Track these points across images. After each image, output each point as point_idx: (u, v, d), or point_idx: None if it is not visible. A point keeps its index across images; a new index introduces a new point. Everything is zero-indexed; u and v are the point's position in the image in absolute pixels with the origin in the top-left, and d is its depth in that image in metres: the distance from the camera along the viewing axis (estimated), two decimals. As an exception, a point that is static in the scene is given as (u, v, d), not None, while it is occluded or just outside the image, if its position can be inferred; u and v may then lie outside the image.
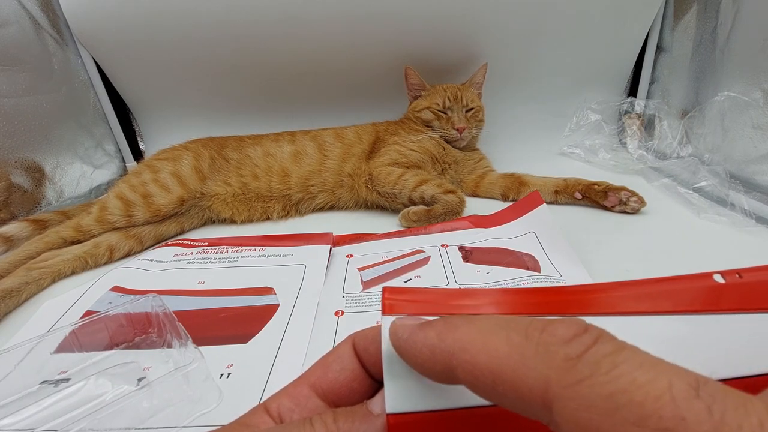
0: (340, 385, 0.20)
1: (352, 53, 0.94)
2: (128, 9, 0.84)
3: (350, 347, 0.21)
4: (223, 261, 0.60)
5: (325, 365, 0.21)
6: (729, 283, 0.19)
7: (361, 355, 0.20)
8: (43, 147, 0.81)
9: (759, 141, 0.71)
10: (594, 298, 0.18)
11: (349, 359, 0.20)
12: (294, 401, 0.20)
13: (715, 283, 0.19)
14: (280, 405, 0.20)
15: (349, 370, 0.20)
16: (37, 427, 0.34)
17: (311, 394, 0.20)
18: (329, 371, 0.20)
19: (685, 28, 0.90)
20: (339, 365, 0.20)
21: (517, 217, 0.64)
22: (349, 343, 0.21)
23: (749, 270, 0.19)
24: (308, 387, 0.20)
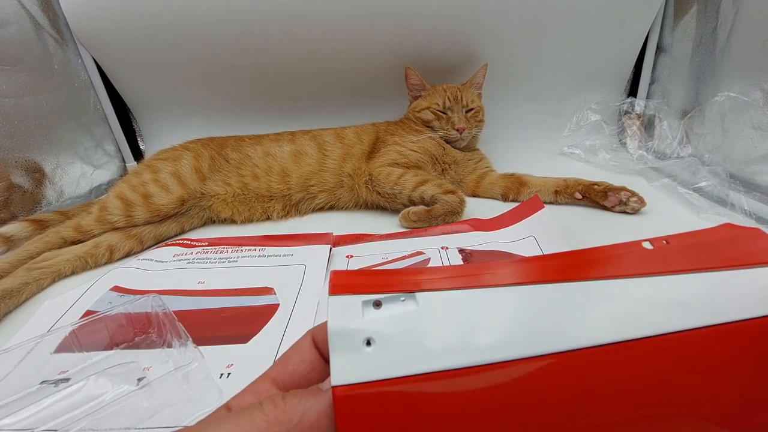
0: (299, 376, 0.21)
1: (353, 53, 0.94)
2: (128, 9, 0.84)
3: (309, 340, 0.22)
4: (223, 261, 0.60)
5: (285, 359, 0.22)
6: (657, 248, 0.20)
7: (319, 346, 0.21)
8: (43, 147, 0.81)
9: (759, 141, 0.71)
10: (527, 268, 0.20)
11: (308, 351, 0.21)
12: (255, 396, 0.21)
13: (644, 249, 0.20)
14: (240, 401, 0.21)
15: (308, 361, 0.21)
16: (37, 427, 0.34)
17: (271, 387, 0.21)
18: (289, 364, 0.21)
19: (685, 28, 0.90)
20: (298, 357, 0.21)
21: (517, 221, 0.64)
22: (308, 337, 0.22)
23: (676, 236, 0.21)
24: (269, 382, 0.21)
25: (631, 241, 0.21)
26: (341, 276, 0.21)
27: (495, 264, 0.21)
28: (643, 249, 0.20)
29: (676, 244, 0.21)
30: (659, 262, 0.19)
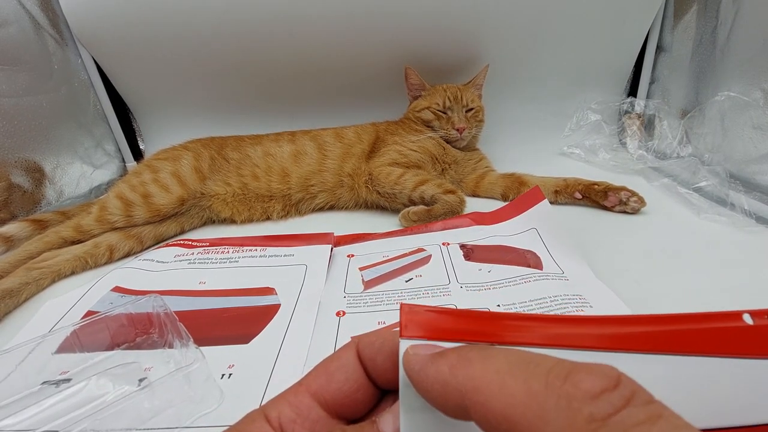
0: (343, 395, 0.19)
1: (353, 53, 0.94)
2: (128, 9, 0.84)
3: (354, 355, 0.20)
4: (224, 261, 0.60)
5: (328, 373, 0.20)
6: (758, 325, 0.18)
7: (366, 364, 0.20)
8: (43, 147, 0.81)
9: (759, 141, 0.71)
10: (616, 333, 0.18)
11: (353, 368, 0.20)
12: (295, 411, 0.19)
13: (744, 323, 0.18)
14: (281, 413, 0.19)
15: (353, 380, 0.19)
16: (38, 427, 0.34)
17: (313, 403, 0.19)
18: (333, 381, 0.19)
19: (685, 28, 0.90)
20: (343, 375, 0.19)
21: (518, 214, 0.64)
22: (352, 350, 0.20)
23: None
24: (310, 395, 0.19)
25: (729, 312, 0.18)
26: (415, 314, 0.18)
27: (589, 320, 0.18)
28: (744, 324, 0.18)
29: None
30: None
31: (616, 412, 0.12)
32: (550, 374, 0.13)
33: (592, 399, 0.12)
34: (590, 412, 0.12)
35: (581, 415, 0.12)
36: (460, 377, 0.14)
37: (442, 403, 0.15)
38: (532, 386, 0.13)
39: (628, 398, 0.12)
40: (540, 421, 0.12)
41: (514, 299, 0.47)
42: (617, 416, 0.12)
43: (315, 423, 0.19)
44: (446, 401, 0.15)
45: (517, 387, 0.13)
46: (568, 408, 0.12)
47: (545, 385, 0.13)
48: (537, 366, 0.14)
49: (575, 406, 0.12)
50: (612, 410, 0.12)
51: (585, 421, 0.12)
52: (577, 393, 0.12)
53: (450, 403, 0.15)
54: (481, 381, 0.14)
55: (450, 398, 0.15)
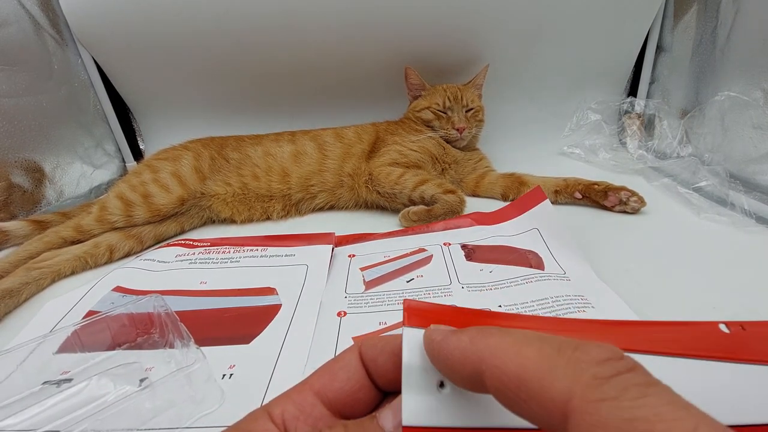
0: (345, 394, 0.20)
1: (353, 53, 0.94)
2: (128, 9, 0.84)
3: (357, 356, 0.21)
4: (225, 261, 0.60)
5: (332, 373, 0.20)
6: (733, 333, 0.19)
7: (368, 365, 0.20)
8: (43, 147, 0.81)
9: (759, 141, 0.71)
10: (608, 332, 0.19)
11: (355, 368, 0.20)
12: (298, 408, 0.19)
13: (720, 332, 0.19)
14: (284, 411, 0.19)
15: (356, 379, 0.20)
16: (39, 427, 0.34)
17: (316, 401, 0.20)
18: (335, 380, 0.20)
19: (685, 28, 0.90)
20: (346, 374, 0.20)
21: (520, 214, 0.64)
22: (355, 352, 0.21)
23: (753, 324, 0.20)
24: (313, 394, 0.20)
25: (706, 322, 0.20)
26: (417, 306, 0.19)
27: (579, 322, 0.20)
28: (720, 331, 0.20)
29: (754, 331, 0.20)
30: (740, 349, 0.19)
31: (618, 374, 0.13)
32: (562, 344, 0.15)
33: (598, 363, 0.14)
34: (595, 372, 0.13)
35: (587, 373, 0.13)
36: (480, 345, 0.16)
37: (459, 370, 0.16)
38: (544, 351, 0.14)
39: (630, 367, 0.14)
40: (549, 378, 0.14)
41: (516, 300, 0.47)
42: (619, 377, 0.13)
43: (317, 420, 0.19)
44: (464, 367, 0.16)
45: (532, 352, 0.15)
46: (576, 367, 0.14)
47: (557, 350, 0.14)
48: (551, 338, 0.15)
49: (582, 367, 0.14)
50: (615, 372, 0.13)
51: (590, 378, 0.13)
52: (585, 357, 0.14)
53: (467, 369, 0.16)
54: (499, 348, 0.15)
55: (468, 363, 0.16)
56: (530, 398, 0.14)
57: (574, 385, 0.13)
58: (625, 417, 0.12)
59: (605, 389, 0.13)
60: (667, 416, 0.12)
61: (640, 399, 0.12)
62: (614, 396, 0.12)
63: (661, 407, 0.12)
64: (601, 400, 0.12)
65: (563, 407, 0.13)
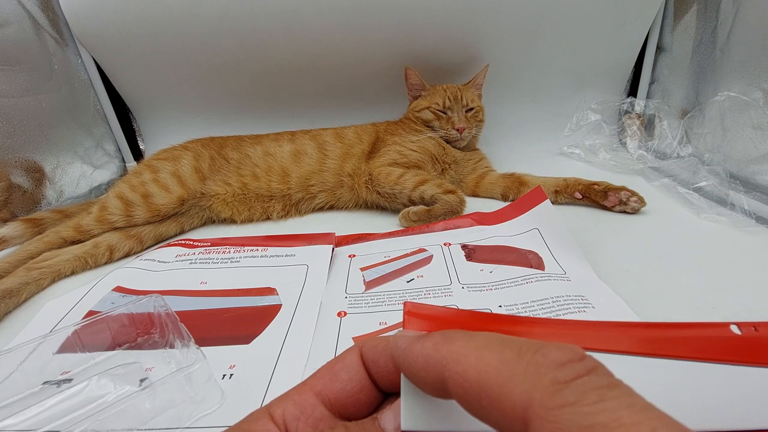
0: (347, 395, 0.20)
1: (353, 53, 0.94)
2: (128, 9, 0.84)
3: (358, 357, 0.20)
4: (225, 261, 0.60)
5: (333, 373, 0.20)
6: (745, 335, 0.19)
7: (369, 366, 0.20)
8: (43, 147, 0.81)
9: (759, 141, 0.71)
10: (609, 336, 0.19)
11: (356, 369, 0.20)
12: (299, 409, 0.19)
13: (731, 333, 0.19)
14: (285, 411, 0.19)
15: (357, 380, 0.20)
16: (39, 427, 0.34)
17: (317, 402, 0.20)
18: (337, 381, 0.20)
19: (685, 28, 0.90)
20: (347, 375, 0.20)
21: (520, 214, 0.64)
22: (356, 353, 0.21)
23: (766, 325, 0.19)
24: (314, 395, 0.20)
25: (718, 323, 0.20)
26: (416, 310, 0.19)
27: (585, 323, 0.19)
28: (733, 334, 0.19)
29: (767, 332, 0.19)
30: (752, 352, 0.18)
31: (577, 377, 0.13)
32: (522, 347, 0.14)
33: (557, 366, 0.13)
34: (554, 376, 0.13)
35: (546, 378, 0.13)
36: (442, 351, 0.15)
37: (423, 377, 0.16)
38: (505, 355, 0.14)
39: (590, 369, 0.13)
40: (509, 384, 0.13)
41: (516, 300, 0.46)
42: (578, 380, 0.13)
43: (318, 421, 0.19)
44: (427, 374, 0.16)
45: (492, 357, 0.14)
46: (535, 372, 0.13)
47: (517, 354, 0.14)
48: (512, 342, 0.15)
49: (542, 371, 0.13)
50: (574, 375, 0.13)
51: (549, 383, 0.13)
52: (544, 361, 0.14)
53: (430, 377, 0.16)
54: (461, 354, 0.15)
55: (431, 371, 0.15)
56: (491, 405, 0.14)
57: (533, 391, 0.13)
58: (585, 424, 0.12)
59: (564, 394, 0.12)
60: (625, 420, 0.12)
61: (600, 403, 0.12)
62: (573, 401, 0.12)
63: (619, 411, 0.12)
64: (561, 407, 0.12)
65: (523, 414, 0.13)
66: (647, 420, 0.12)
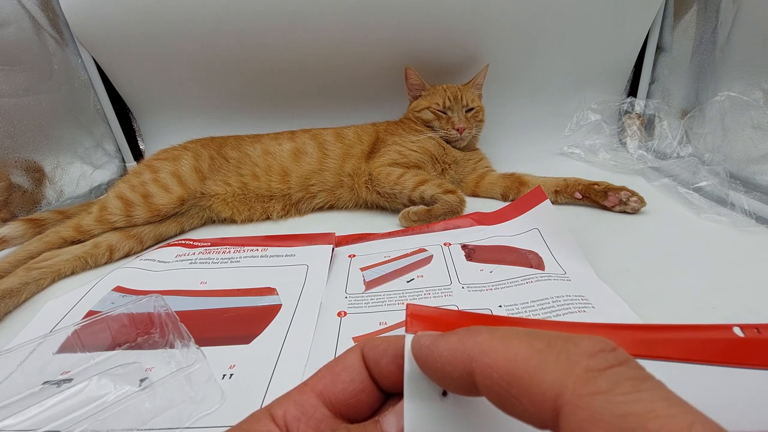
0: (348, 395, 0.20)
1: (353, 53, 0.94)
2: (128, 9, 0.84)
3: (359, 357, 0.20)
4: (225, 261, 0.60)
5: (334, 374, 0.20)
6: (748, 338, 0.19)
7: (370, 367, 0.20)
8: (43, 147, 0.81)
9: (759, 141, 0.71)
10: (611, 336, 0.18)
11: (358, 369, 0.20)
12: (300, 409, 0.19)
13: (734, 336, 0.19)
14: (286, 412, 0.19)
15: (358, 381, 0.20)
16: (39, 427, 0.34)
17: (318, 403, 0.19)
18: (338, 381, 0.20)
19: (685, 28, 0.90)
20: (348, 376, 0.20)
21: (520, 214, 0.64)
22: (357, 353, 0.20)
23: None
24: (315, 395, 0.20)
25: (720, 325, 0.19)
26: (420, 312, 0.19)
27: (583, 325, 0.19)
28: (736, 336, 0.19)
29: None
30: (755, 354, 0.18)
31: (611, 367, 0.13)
32: (552, 337, 0.14)
33: (590, 355, 0.13)
34: (588, 364, 0.13)
35: (579, 366, 0.13)
36: (468, 344, 0.15)
37: (449, 371, 0.16)
38: (535, 345, 0.14)
39: (622, 361, 0.13)
40: (540, 372, 0.13)
41: (516, 300, 0.46)
42: (612, 370, 0.13)
43: (319, 422, 0.19)
44: (454, 369, 0.16)
45: (522, 347, 0.14)
46: (567, 360, 0.13)
47: (548, 344, 0.14)
48: (540, 333, 0.15)
49: (574, 359, 0.13)
50: (608, 365, 0.13)
51: (582, 371, 0.13)
52: (576, 350, 0.14)
53: (457, 371, 0.16)
54: (488, 345, 0.15)
55: (458, 365, 0.15)
56: (521, 394, 0.14)
57: (565, 378, 0.13)
58: (618, 412, 0.12)
59: (598, 382, 0.12)
60: (660, 413, 0.11)
61: (634, 393, 0.12)
62: (606, 390, 0.12)
63: (655, 403, 0.12)
64: (593, 394, 0.12)
65: (554, 401, 0.13)
66: (683, 414, 0.11)
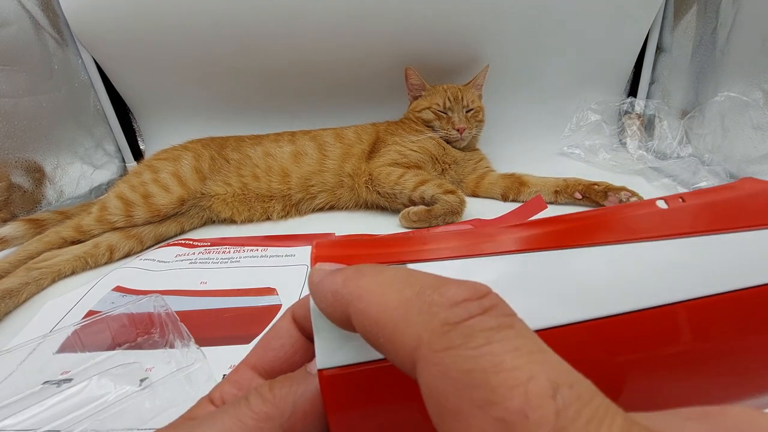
0: (281, 361, 0.19)
1: (353, 54, 0.94)
2: (128, 9, 0.84)
3: (289, 320, 0.20)
4: (225, 261, 0.60)
5: (265, 344, 0.20)
6: (672, 208, 0.19)
7: (302, 324, 0.20)
8: (43, 147, 0.81)
9: (759, 141, 0.71)
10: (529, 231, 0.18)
11: (287, 333, 0.20)
12: (236, 386, 0.19)
13: (658, 209, 0.19)
14: (222, 392, 0.19)
15: (289, 344, 0.20)
16: (39, 427, 0.34)
17: (253, 375, 0.19)
18: (269, 349, 0.20)
19: (685, 29, 0.90)
20: (278, 341, 0.20)
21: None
22: (287, 317, 0.20)
23: (691, 194, 0.19)
24: (249, 369, 0.20)
25: (645, 200, 0.19)
26: (325, 247, 0.19)
27: (497, 230, 0.19)
28: (659, 209, 0.19)
29: (693, 202, 0.19)
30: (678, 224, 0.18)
31: (468, 318, 0.12)
32: (424, 285, 0.14)
33: (451, 306, 0.13)
34: (445, 317, 0.12)
35: (437, 318, 0.12)
36: (350, 287, 0.15)
37: (331, 311, 0.16)
38: (404, 294, 0.14)
39: (486, 308, 0.13)
40: (402, 323, 0.13)
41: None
42: (468, 322, 0.12)
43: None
44: (334, 310, 0.15)
45: (393, 295, 0.14)
46: (428, 312, 0.13)
47: (417, 293, 0.13)
48: (417, 279, 0.14)
49: (434, 311, 0.13)
50: (466, 317, 0.12)
51: (439, 324, 0.12)
52: (440, 300, 0.13)
53: (337, 312, 0.15)
54: (365, 290, 0.15)
55: (338, 307, 0.15)
56: (387, 343, 0.13)
57: (422, 332, 0.12)
58: (464, 368, 0.11)
59: (451, 336, 0.12)
60: (505, 365, 0.11)
61: (485, 346, 0.11)
62: (459, 344, 0.12)
63: (503, 356, 0.11)
64: (445, 350, 0.12)
65: (411, 355, 0.12)
66: (527, 365, 0.11)
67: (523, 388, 0.10)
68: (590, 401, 0.10)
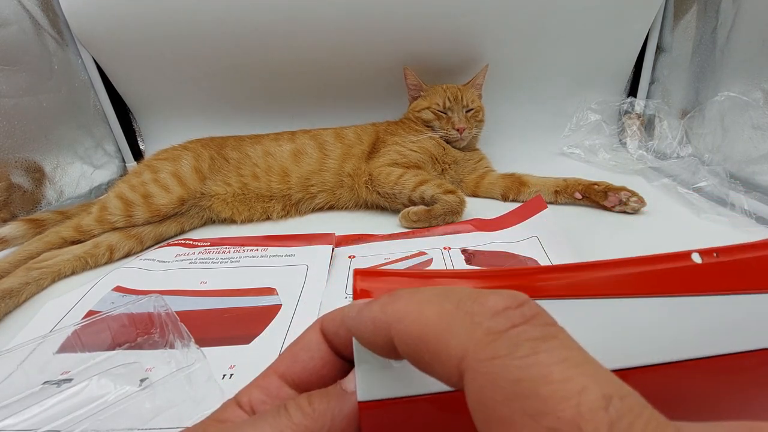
0: (309, 372, 0.20)
1: (353, 54, 0.94)
2: (128, 9, 0.84)
3: (318, 333, 0.20)
4: (225, 261, 0.60)
5: (293, 354, 0.20)
6: (706, 263, 0.19)
7: (331, 339, 0.20)
8: (43, 147, 0.81)
9: (759, 141, 0.71)
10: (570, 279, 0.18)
11: (317, 346, 0.20)
12: (265, 392, 0.19)
13: (692, 263, 0.19)
14: (251, 397, 0.19)
15: (318, 357, 0.20)
16: (39, 427, 0.34)
17: (281, 384, 0.20)
18: (297, 361, 0.20)
19: (685, 28, 0.90)
20: (307, 354, 0.20)
21: (520, 221, 0.64)
22: (316, 329, 0.21)
23: (725, 249, 0.19)
24: (277, 377, 0.20)
25: (681, 252, 0.19)
26: (367, 277, 0.19)
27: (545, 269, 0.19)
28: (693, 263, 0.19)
29: (726, 259, 0.19)
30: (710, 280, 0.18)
31: (512, 327, 0.12)
32: (462, 297, 0.14)
33: (493, 315, 0.13)
34: (488, 326, 0.13)
35: (481, 328, 0.13)
36: (388, 312, 0.15)
37: (373, 340, 0.16)
38: (444, 308, 0.14)
39: (528, 317, 0.13)
40: (446, 335, 0.13)
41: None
42: (512, 331, 0.12)
43: (283, 400, 0.19)
44: (377, 337, 0.16)
45: (433, 310, 0.14)
46: (470, 322, 0.13)
47: (456, 306, 0.14)
48: (454, 293, 0.14)
49: (477, 321, 0.13)
50: (509, 325, 0.12)
51: (483, 334, 0.12)
52: (480, 310, 0.13)
53: (380, 339, 0.15)
54: (404, 311, 0.15)
55: (379, 333, 0.15)
56: (432, 359, 0.13)
57: (468, 342, 0.12)
58: (513, 377, 0.11)
59: (496, 346, 0.12)
60: (555, 377, 0.11)
61: (531, 356, 0.11)
62: (505, 354, 0.12)
63: (551, 366, 0.11)
64: (492, 359, 0.12)
65: (458, 365, 0.12)
66: (578, 376, 0.11)
67: (576, 399, 0.11)
68: (641, 413, 0.11)
